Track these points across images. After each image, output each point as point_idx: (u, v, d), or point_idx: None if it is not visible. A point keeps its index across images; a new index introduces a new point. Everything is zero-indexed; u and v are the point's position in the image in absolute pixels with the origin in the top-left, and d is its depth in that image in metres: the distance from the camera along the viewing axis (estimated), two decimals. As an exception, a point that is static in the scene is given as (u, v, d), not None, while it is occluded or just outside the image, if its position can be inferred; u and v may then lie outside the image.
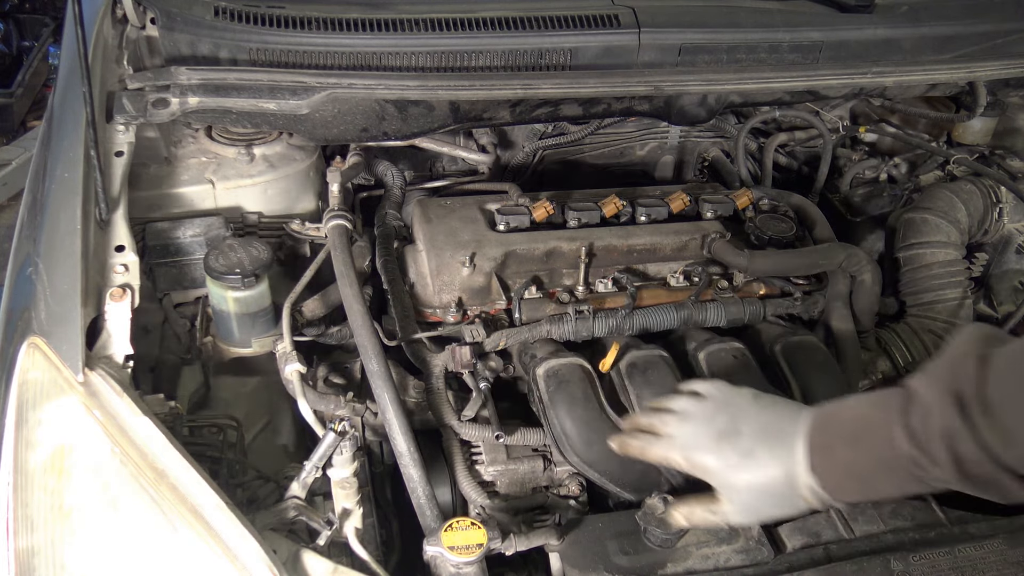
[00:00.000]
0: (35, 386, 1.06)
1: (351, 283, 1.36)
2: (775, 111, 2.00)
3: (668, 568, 1.11)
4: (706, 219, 1.65)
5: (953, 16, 1.84)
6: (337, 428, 1.09)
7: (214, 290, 1.40)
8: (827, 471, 0.98)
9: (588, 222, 1.59)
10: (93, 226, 1.25)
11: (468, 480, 1.27)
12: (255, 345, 1.46)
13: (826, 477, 0.98)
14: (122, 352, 1.14)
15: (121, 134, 1.45)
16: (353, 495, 1.10)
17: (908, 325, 1.69)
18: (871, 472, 0.94)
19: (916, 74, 1.76)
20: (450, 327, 1.44)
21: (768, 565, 1.13)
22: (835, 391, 1.35)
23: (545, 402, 1.30)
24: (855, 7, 1.79)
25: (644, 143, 2.03)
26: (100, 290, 1.19)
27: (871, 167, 2.03)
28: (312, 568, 1.03)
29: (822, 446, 0.99)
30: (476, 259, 1.47)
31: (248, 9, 1.59)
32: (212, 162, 1.64)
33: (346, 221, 1.49)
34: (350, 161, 1.71)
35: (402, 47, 1.59)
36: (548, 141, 1.93)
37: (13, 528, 0.97)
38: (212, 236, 1.49)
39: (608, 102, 1.65)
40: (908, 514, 1.21)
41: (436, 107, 1.56)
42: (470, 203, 1.63)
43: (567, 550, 1.13)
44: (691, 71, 1.68)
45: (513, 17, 1.64)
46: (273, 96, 1.49)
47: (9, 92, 4.19)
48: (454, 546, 1.06)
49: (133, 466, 1.00)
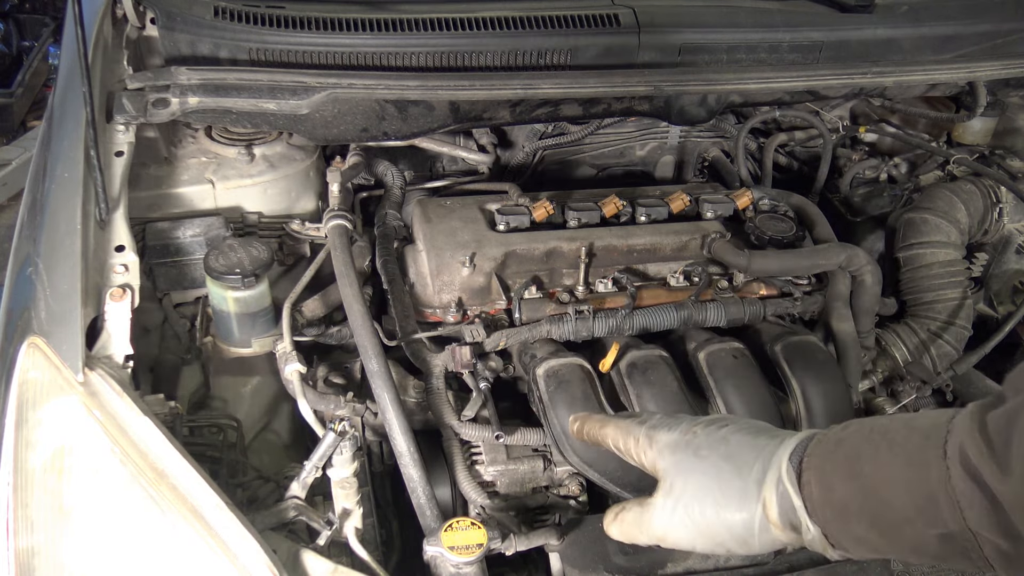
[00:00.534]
0: (35, 386, 1.06)
1: (351, 283, 1.36)
2: (775, 111, 2.00)
3: (668, 568, 1.11)
4: (706, 219, 1.65)
5: (953, 16, 1.85)
6: (337, 428, 1.09)
7: (214, 290, 1.40)
8: (824, 486, 0.77)
9: (588, 222, 1.59)
10: (93, 226, 1.25)
11: (468, 480, 1.27)
12: (255, 345, 1.46)
13: (819, 492, 0.77)
14: (122, 352, 1.14)
15: (121, 134, 1.45)
16: (353, 495, 1.10)
17: (908, 325, 1.69)
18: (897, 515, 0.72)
19: (916, 74, 1.76)
20: (450, 327, 1.44)
21: (768, 565, 1.13)
22: (835, 391, 1.35)
23: (545, 402, 1.30)
24: (855, 7, 1.79)
25: (644, 143, 2.03)
26: (100, 290, 1.19)
27: (871, 167, 2.03)
28: (312, 568, 1.03)
29: (823, 466, 0.78)
30: (476, 259, 1.47)
31: (248, 9, 1.59)
32: (212, 162, 1.64)
33: (346, 221, 1.49)
34: (350, 161, 1.71)
35: (402, 47, 1.59)
36: (548, 141, 1.93)
37: (13, 528, 0.97)
38: (212, 236, 1.49)
39: (608, 102, 1.65)
40: (908, 514, 1.21)
41: (436, 107, 1.56)
42: (470, 203, 1.63)
43: (567, 550, 1.13)
44: (691, 71, 1.68)
45: (513, 17, 1.64)
46: (273, 96, 1.49)
47: (9, 92, 4.20)
48: (454, 546, 1.06)
49: (133, 466, 1.00)
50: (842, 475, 0.77)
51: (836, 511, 0.77)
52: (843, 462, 0.77)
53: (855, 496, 0.75)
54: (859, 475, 0.75)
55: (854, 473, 0.76)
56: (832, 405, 1.33)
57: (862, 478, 0.75)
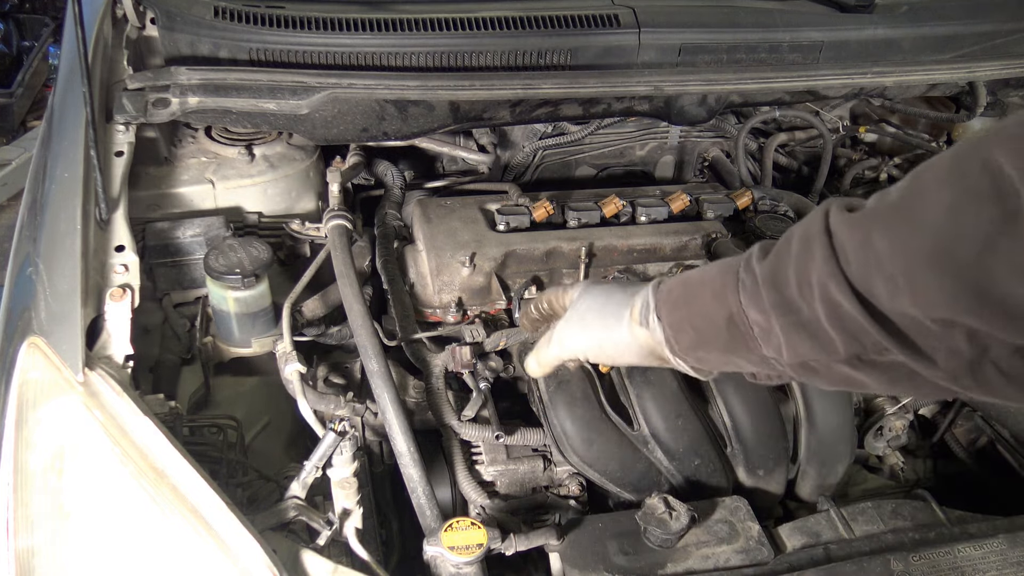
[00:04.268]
0: (35, 386, 1.06)
1: (351, 283, 1.36)
2: (775, 111, 2.00)
3: (668, 568, 1.11)
4: (706, 219, 1.65)
5: (953, 16, 1.84)
6: (337, 428, 1.09)
7: (214, 290, 1.40)
8: (668, 294, 0.98)
9: (588, 222, 1.59)
10: (93, 226, 1.25)
11: (468, 480, 1.27)
12: (255, 345, 1.46)
13: (664, 298, 0.98)
14: (122, 352, 1.14)
15: (121, 134, 1.45)
16: (353, 495, 1.10)
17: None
18: (706, 315, 0.93)
19: (916, 74, 1.76)
20: (450, 327, 1.44)
21: (768, 565, 1.13)
22: (835, 391, 1.35)
23: (545, 402, 1.30)
24: (855, 7, 1.79)
25: (644, 143, 2.03)
26: (100, 290, 1.19)
27: (871, 167, 2.03)
28: (312, 568, 1.03)
29: (669, 280, 1.02)
30: (476, 259, 1.47)
31: (248, 9, 1.59)
32: (212, 162, 1.64)
33: (346, 221, 1.49)
34: (350, 161, 1.71)
35: (402, 47, 1.59)
36: (548, 141, 1.93)
37: (13, 528, 0.97)
38: (212, 236, 1.49)
39: (608, 102, 1.65)
40: (908, 514, 1.21)
41: (436, 107, 1.56)
42: (470, 203, 1.63)
43: (567, 550, 1.13)
44: (691, 71, 1.68)
45: (513, 17, 1.64)
46: (273, 96, 1.49)
47: (9, 92, 4.20)
48: (454, 546, 1.06)
49: (133, 466, 1.00)
50: (679, 283, 0.99)
51: (669, 307, 0.98)
52: (681, 275, 1.01)
53: (683, 292, 0.98)
54: (687, 280, 0.98)
55: (684, 279, 0.99)
56: (832, 405, 1.33)
57: (688, 282, 0.98)
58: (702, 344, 0.95)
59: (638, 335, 1.01)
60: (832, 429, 1.33)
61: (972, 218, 0.67)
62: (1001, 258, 0.66)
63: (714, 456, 1.28)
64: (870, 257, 0.75)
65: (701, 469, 1.27)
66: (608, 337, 1.04)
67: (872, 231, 0.75)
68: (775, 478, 1.31)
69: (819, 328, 0.81)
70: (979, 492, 1.54)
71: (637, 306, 1.01)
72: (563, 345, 1.10)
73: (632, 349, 1.03)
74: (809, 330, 0.82)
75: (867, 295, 0.76)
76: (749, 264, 0.89)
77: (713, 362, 0.97)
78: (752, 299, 0.87)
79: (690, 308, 0.96)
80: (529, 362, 1.17)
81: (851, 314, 0.77)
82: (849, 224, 0.78)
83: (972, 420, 1.57)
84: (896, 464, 1.54)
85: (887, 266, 0.73)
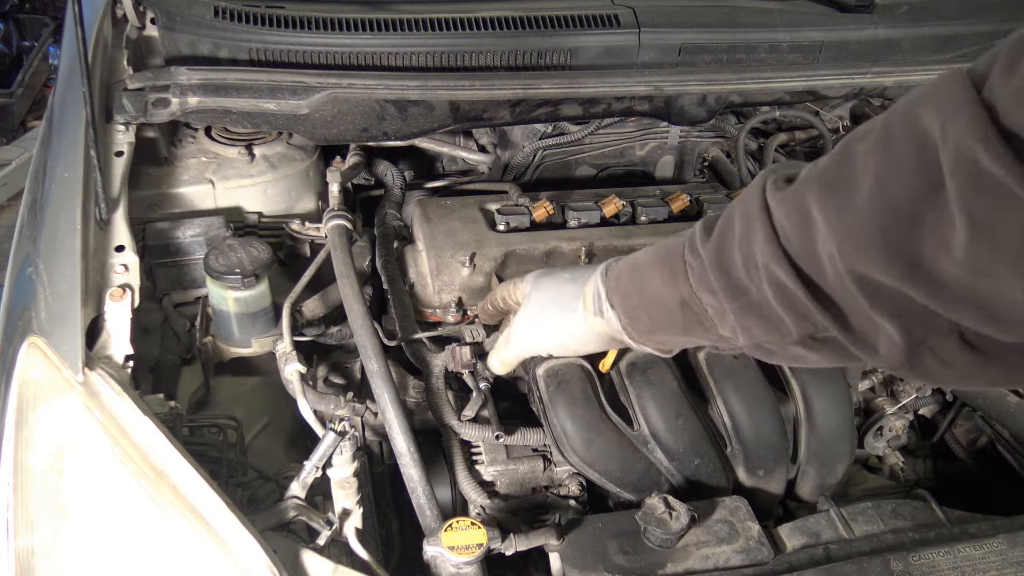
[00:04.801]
0: (35, 386, 1.06)
1: (351, 283, 1.36)
2: (775, 111, 2.00)
3: (668, 568, 1.11)
4: (706, 219, 1.65)
5: (953, 16, 1.85)
6: (337, 428, 1.09)
7: (214, 290, 1.40)
8: (615, 278, 0.99)
9: (588, 222, 1.59)
10: (93, 226, 1.25)
11: (468, 480, 1.27)
12: (255, 345, 1.46)
13: (613, 283, 0.99)
14: (122, 352, 1.14)
15: (121, 134, 1.45)
16: (353, 495, 1.10)
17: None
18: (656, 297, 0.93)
19: (916, 74, 1.76)
20: (450, 327, 1.44)
21: (768, 565, 1.13)
22: (835, 391, 1.35)
23: (545, 402, 1.30)
24: (855, 7, 1.79)
25: (644, 143, 2.03)
26: (100, 290, 1.19)
27: (871, 167, 2.02)
28: (312, 568, 1.03)
29: (618, 265, 1.03)
30: (476, 259, 1.47)
31: (248, 9, 1.59)
32: (212, 162, 1.64)
33: (346, 221, 1.49)
34: (350, 161, 1.71)
35: (402, 47, 1.59)
36: (548, 141, 1.93)
37: (13, 528, 0.97)
38: (212, 236, 1.49)
39: (608, 102, 1.65)
40: (908, 514, 1.21)
41: (436, 107, 1.56)
42: (470, 203, 1.63)
43: (567, 550, 1.13)
44: (691, 71, 1.68)
45: (513, 17, 1.65)
46: (273, 96, 1.49)
47: (9, 92, 4.20)
48: (454, 546, 1.06)
49: (133, 466, 1.00)
50: (627, 268, 1.01)
51: (621, 294, 1.00)
52: (628, 260, 1.03)
53: (632, 279, 0.99)
54: (635, 266, 0.99)
55: (632, 265, 1.00)
56: (832, 405, 1.33)
57: (637, 268, 0.99)
58: (658, 328, 0.96)
59: (594, 325, 1.02)
60: (832, 429, 1.32)
61: (901, 191, 0.66)
62: (928, 232, 0.65)
63: (714, 456, 1.28)
64: (808, 235, 0.74)
65: (701, 469, 1.27)
66: (566, 332, 1.06)
67: (809, 207, 0.74)
68: (775, 478, 1.31)
69: (770, 310, 0.81)
70: (979, 492, 1.54)
71: (589, 296, 1.02)
72: (523, 344, 1.12)
73: (591, 339, 1.05)
74: (761, 312, 0.82)
75: (811, 274, 0.75)
76: (694, 246, 0.89)
77: (673, 343, 0.99)
78: (702, 282, 0.88)
79: (642, 295, 0.97)
80: (492, 361, 1.19)
81: (796, 294, 0.76)
82: (784, 200, 0.77)
83: (972, 420, 1.57)
84: (896, 464, 1.53)
85: (827, 244, 0.72)
